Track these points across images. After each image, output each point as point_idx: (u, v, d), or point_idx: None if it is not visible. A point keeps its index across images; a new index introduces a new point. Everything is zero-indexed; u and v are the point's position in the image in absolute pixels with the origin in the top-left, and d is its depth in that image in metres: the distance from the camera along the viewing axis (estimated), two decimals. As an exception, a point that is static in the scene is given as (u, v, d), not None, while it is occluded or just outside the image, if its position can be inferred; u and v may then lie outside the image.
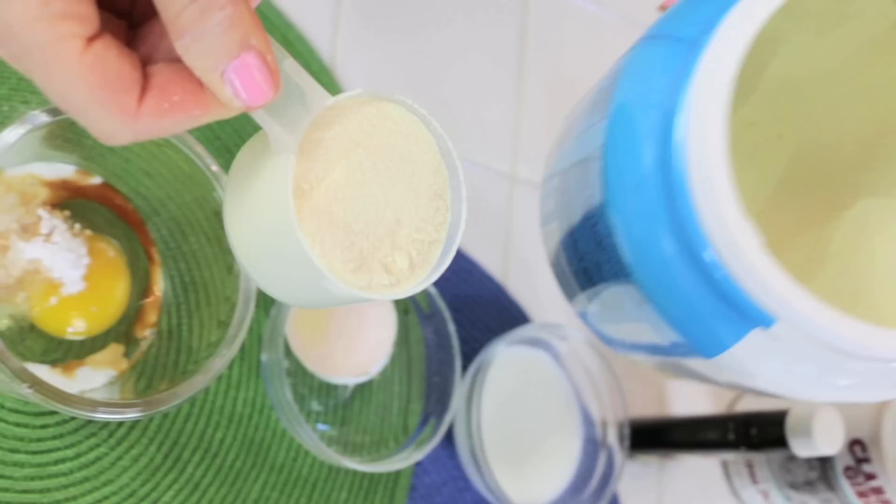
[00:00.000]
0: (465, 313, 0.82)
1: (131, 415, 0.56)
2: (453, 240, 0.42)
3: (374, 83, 0.83)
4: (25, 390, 0.53)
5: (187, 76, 0.36)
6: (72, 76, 0.34)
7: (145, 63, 0.37)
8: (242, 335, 0.60)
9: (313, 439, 0.67)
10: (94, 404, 0.55)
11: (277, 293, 0.45)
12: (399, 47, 0.85)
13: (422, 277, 0.42)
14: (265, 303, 0.72)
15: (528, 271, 0.88)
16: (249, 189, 0.41)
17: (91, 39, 0.34)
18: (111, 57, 0.34)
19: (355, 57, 0.82)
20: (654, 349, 0.63)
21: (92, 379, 0.63)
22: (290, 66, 0.37)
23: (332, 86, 0.79)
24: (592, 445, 0.82)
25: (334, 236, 0.39)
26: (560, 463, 0.82)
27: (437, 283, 0.78)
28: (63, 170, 0.64)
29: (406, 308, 0.75)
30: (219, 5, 0.33)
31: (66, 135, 0.62)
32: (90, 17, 0.34)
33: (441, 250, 0.42)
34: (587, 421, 0.83)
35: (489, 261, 0.85)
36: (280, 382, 0.67)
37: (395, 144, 0.40)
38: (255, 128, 0.39)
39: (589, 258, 0.63)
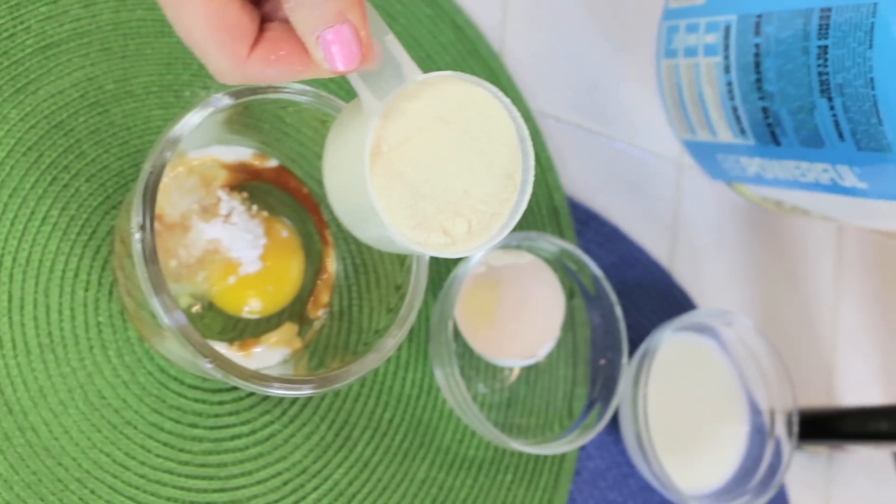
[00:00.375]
0: (631, 298, 0.81)
1: (305, 391, 0.56)
2: (514, 216, 0.45)
3: (541, 69, 0.81)
4: (206, 365, 0.53)
5: (295, 36, 0.40)
6: (196, 17, 0.40)
7: (267, 19, 0.42)
8: (413, 317, 0.60)
9: (480, 420, 0.66)
10: (270, 379, 0.56)
11: (360, 236, 0.49)
12: (567, 32, 0.84)
13: (478, 243, 0.45)
14: (433, 286, 0.72)
15: (695, 257, 0.86)
16: (341, 142, 0.45)
17: None
18: (232, 8, 0.39)
19: (524, 42, 0.81)
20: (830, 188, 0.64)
21: (267, 357, 0.63)
22: (390, 41, 0.42)
23: (499, 71, 0.78)
24: (759, 435, 0.80)
25: (401, 195, 0.43)
26: (726, 451, 0.79)
27: (602, 268, 0.77)
28: (241, 153, 0.65)
29: (573, 292, 0.74)
30: None
31: (244, 119, 0.63)
32: None
33: (502, 223, 0.45)
34: (754, 409, 0.81)
35: (656, 247, 0.83)
36: (449, 364, 0.67)
37: (475, 124, 0.43)
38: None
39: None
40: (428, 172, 0.44)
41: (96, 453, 0.60)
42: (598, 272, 0.72)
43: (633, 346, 0.77)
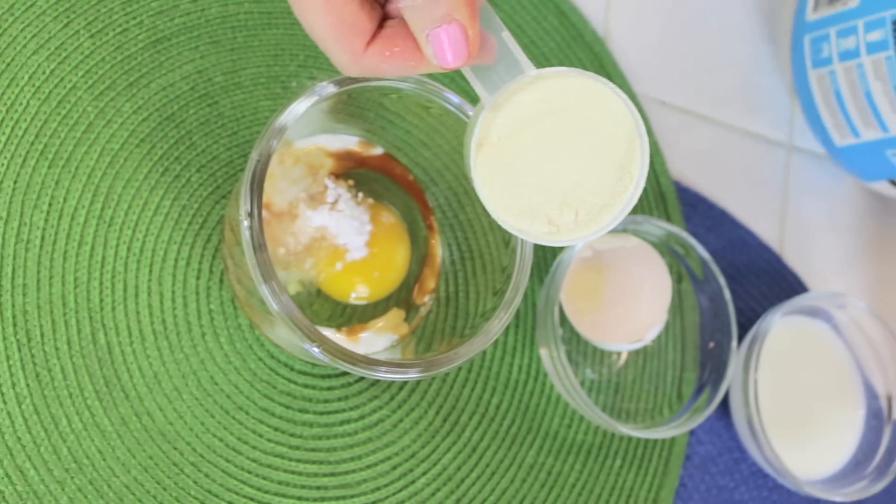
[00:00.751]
0: (741, 282, 0.79)
1: (412, 374, 0.56)
2: (626, 208, 0.45)
3: (646, 53, 0.80)
4: (314, 349, 0.53)
5: (409, 33, 0.42)
6: (317, 14, 0.41)
7: (388, 17, 0.44)
8: (518, 300, 0.59)
9: (588, 405, 0.65)
10: (377, 363, 0.56)
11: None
12: (673, 16, 0.82)
13: (584, 233, 0.45)
14: (540, 271, 0.71)
15: (806, 241, 0.83)
16: (465, 133, 0.46)
17: None
18: (350, 7, 0.41)
19: (628, 27, 0.80)
20: None
21: (374, 343, 0.63)
22: (507, 37, 0.43)
23: (604, 56, 0.77)
24: (876, 420, 0.77)
25: (506, 184, 0.45)
26: (841, 436, 0.77)
27: (710, 251, 0.76)
28: (347, 141, 0.65)
29: (680, 276, 0.72)
30: None
31: (349, 108, 0.63)
32: None
33: (612, 215, 0.45)
34: (870, 394, 0.78)
35: (765, 230, 0.81)
36: (556, 349, 0.66)
37: (589, 118, 0.44)
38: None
39: None
40: (537, 163, 0.44)
41: (210, 438, 0.60)
42: (706, 255, 0.70)
43: (744, 329, 0.76)
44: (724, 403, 0.75)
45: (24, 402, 0.57)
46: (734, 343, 0.70)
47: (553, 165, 0.45)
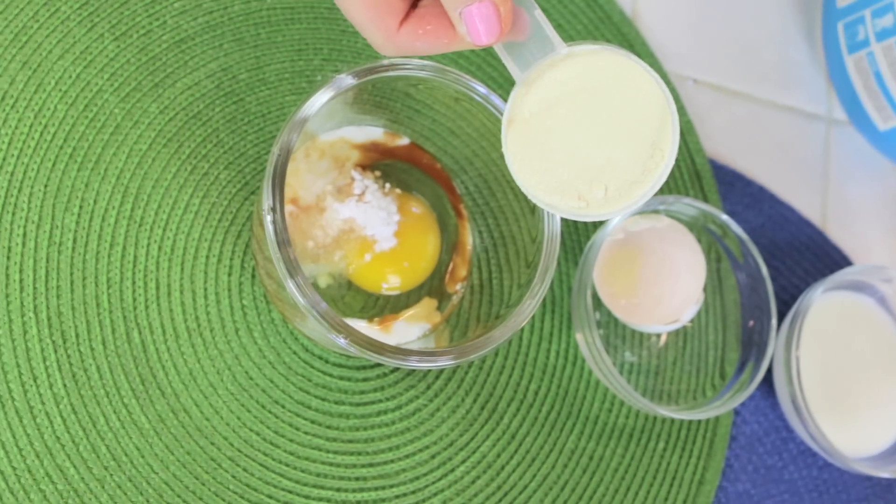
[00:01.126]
0: (783, 260, 0.77)
1: (444, 362, 0.55)
2: (656, 184, 0.44)
3: (676, 31, 0.78)
4: (342, 341, 0.53)
5: (442, 11, 0.43)
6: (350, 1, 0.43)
7: None
8: (546, 283, 0.58)
9: (626, 388, 0.64)
10: (408, 352, 0.55)
11: None
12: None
13: (615, 208, 0.45)
14: (574, 255, 0.70)
15: (849, 214, 0.81)
16: None
17: None
18: None
19: (657, 5, 0.78)
20: None
21: (407, 333, 0.62)
22: (539, 15, 0.43)
23: (633, 36, 0.75)
24: (926, 394, 0.75)
25: (536, 159, 0.45)
26: (889, 413, 0.75)
27: (749, 231, 0.74)
28: (372, 132, 0.64)
29: (718, 255, 0.71)
30: None
31: (374, 99, 0.62)
32: None
33: (643, 191, 0.44)
34: (919, 368, 0.76)
35: (806, 206, 0.79)
36: (590, 332, 0.65)
37: (621, 95, 0.43)
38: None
39: None
40: (567, 139, 0.44)
41: (246, 432, 0.60)
42: (742, 233, 0.68)
43: (787, 307, 0.74)
44: (770, 382, 0.73)
45: (61, 402, 0.57)
46: (773, 320, 0.68)
47: (584, 141, 0.44)
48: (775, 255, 0.76)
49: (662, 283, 0.67)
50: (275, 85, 0.65)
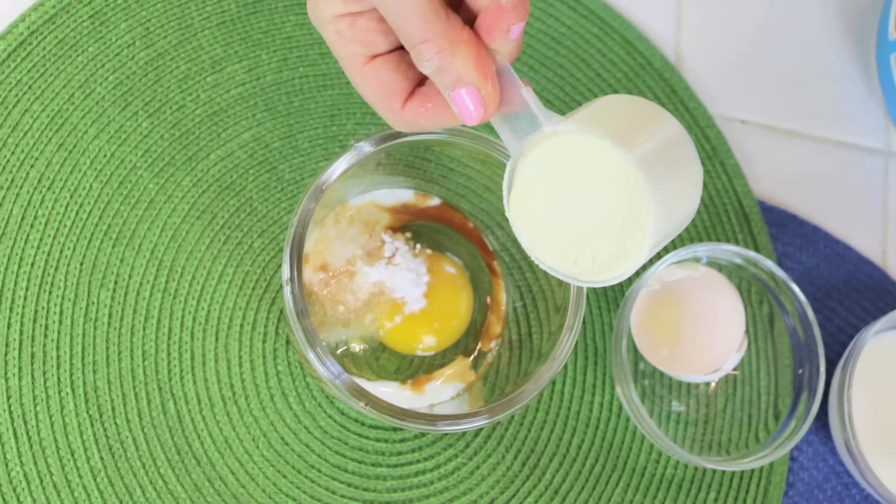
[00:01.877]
0: (840, 300, 0.72)
1: (474, 423, 0.53)
2: (636, 264, 0.43)
3: (722, 73, 0.74)
4: (362, 407, 0.51)
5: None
6: (357, 79, 0.44)
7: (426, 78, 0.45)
8: (576, 329, 0.55)
9: (666, 441, 0.61)
10: (433, 417, 0.53)
11: None
12: (746, 33, 0.77)
13: (602, 279, 0.44)
14: (617, 305, 0.67)
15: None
16: None
17: (373, 57, 0.43)
18: (385, 71, 0.43)
19: (701, 49, 0.75)
20: None
21: (441, 393, 0.60)
22: (526, 93, 0.43)
23: (675, 81, 0.72)
24: None
25: (536, 224, 0.45)
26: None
27: (804, 271, 0.70)
28: (402, 195, 0.62)
29: (767, 301, 0.67)
30: (426, 57, 0.40)
31: (404, 160, 0.61)
32: (373, 42, 0.43)
33: (625, 268, 0.43)
34: None
35: (865, 243, 0.74)
36: (626, 384, 0.61)
37: (600, 175, 0.42)
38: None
39: None
40: (558, 209, 0.44)
41: (282, 498, 0.59)
42: (782, 274, 0.64)
43: (846, 348, 0.69)
44: (829, 427, 0.69)
45: (98, 475, 0.56)
46: (822, 362, 0.64)
47: (572, 213, 0.43)
48: (832, 295, 0.72)
49: (704, 332, 0.64)
50: (308, 152, 0.64)
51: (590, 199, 0.42)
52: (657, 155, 0.41)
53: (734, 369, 0.66)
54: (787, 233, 0.72)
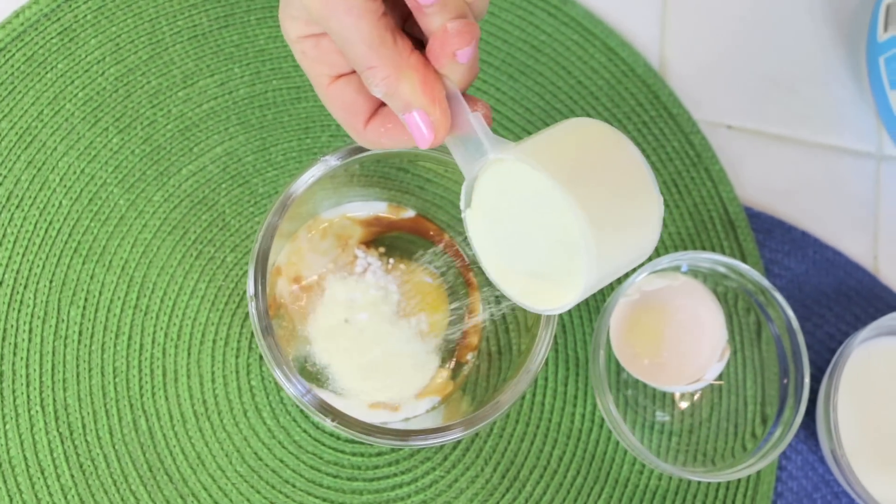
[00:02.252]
0: (830, 306, 0.70)
1: (449, 437, 0.51)
2: (580, 293, 0.41)
3: (707, 78, 0.72)
4: (330, 424, 0.50)
5: None
6: (323, 98, 0.45)
7: None
8: (543, 349, 0.53)
9: (645, 453, 0.59)
10: (406, 433, 0.51)
11: None
12: (732, 38, 0.74)
13: (546, 307, 0.43)
14: (593, 316, 0.65)
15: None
16: None
17: (337, 77, 0.44)
18: (349, 91, 0.44)
19: (686, 55, 0.72)
20: None
21: (416, 407, 0.59)
22: (473, 119, 0.42)
23: (659, 87, 0.70)
24: None
25: (492, 246, 0.45)
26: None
27: (793, 278, 0.68)
28: (376, 207, 0.61)
29: (753, 310, 0.65)
30: (373, 83, 0.40)
31: (382, 171, 0.59)
32: (336, 63, 0.43)
33: (568, 299, 0.41)
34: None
35: (856, 248, 0.72)
36: (603, 395, 0.60)
37: (541, 204, 0.40)
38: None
39: None
40: (508, 234, 0.43)
41: (256, 514, 0.57)
42: (766, 283, 0.62)
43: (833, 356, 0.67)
44: (818, 436, 0.66)
45: (69, 494, 0.55)
46: (806, 370, 0.62)
47: (518, 239, 0.43)
48: (821, 301, 0.70)
49: (685, 342, 0.62)
50: (282, 165, 0.63)
51: (534, 228, 0.41)
52: (602, 190, 0.39)
53: (719, 379, 0.64)
54: (775, 239, 0.70)
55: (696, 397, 0.65)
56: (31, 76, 0.60)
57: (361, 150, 0.54)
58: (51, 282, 0.57)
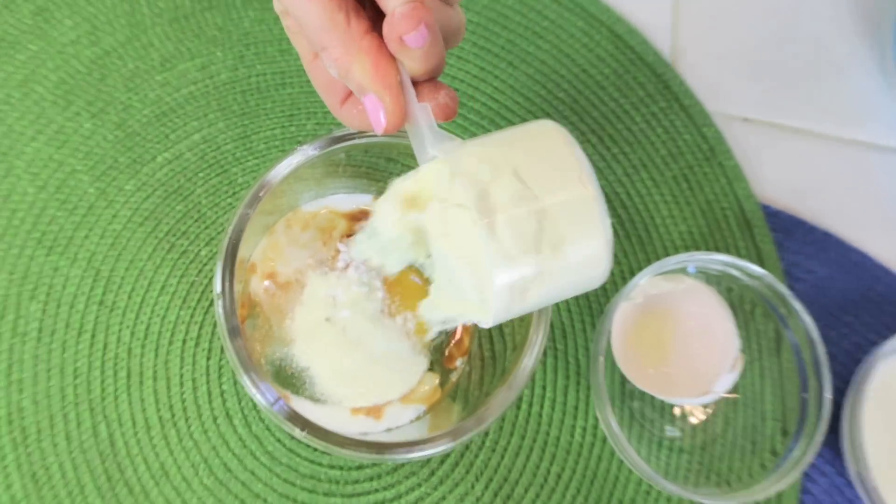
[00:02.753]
0: (856, 314, 0.63)
1: (431, 451, 0.46)
2: (491, 317, 0.37)
3: (722, 68, 0.66)
4: (301, 434, 0.44)
5: None
6: (308, 72, 0.43)
7: None
8: (535, 354, 0.47)
9: (647, 471, 0.52)
10: (383, 447, 0.45)
11: None
12: (751, 24, 0.68)
13: (481, 319, 0.38)
14: (596, 321, 0.59)
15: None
16: None
17: (317, 54, 0.42)
18: (326, 70, 0.41)
19: (700, 44, 0.66)
20: None
21: (400, 416, 0.53)
22: (421, 108, 0.39)
23: (670, 77, 0.64)
24: None
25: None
26: None
27: (815, 282, 0.61)
28: (361, 200, 0.55)
29: (772, 318, 0.58)
30: (327, 64, 0.39)
31: (370, 161, 0.53)
32: None
33: (487, 317, 0.38)
34: None
35: (883, 250, 0.65)
36: (604, 410, 0.53)
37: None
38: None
39: None
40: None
41: (223, 529, 0.52)
42: (783, 289, 0.55)
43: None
44: (844, 457, 0.60)
45: (20, 504, 0.50)
46: (827, 386, 0.55)
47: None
48: (847, 308, 0.63)
49: (696, 349, 0.56)
50: (263, 153, 0.57)
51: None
52: (523, 213, 0.35)
53: (732, 391, 0.58)
54: (795, 240, 0.63)
55: (709, 411, 0.58)
56: (1, 57, 0.55)
57: (342, 139, 0.48)
58: (11, 274, 0.52)
